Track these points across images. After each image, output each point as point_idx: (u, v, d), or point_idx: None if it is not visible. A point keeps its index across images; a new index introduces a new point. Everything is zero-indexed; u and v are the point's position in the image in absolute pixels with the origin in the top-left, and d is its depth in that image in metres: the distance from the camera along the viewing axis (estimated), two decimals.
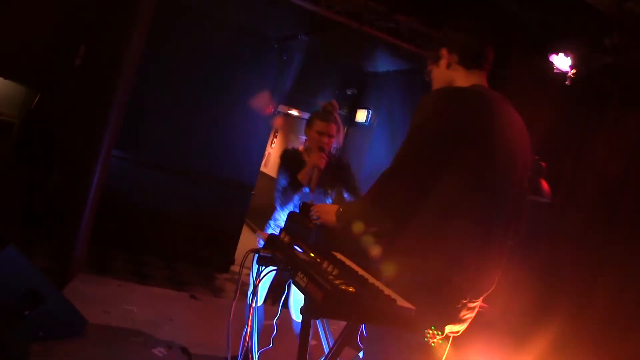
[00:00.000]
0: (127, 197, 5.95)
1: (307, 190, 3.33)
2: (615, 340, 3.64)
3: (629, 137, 3.89)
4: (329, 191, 3.50)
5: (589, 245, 3.97)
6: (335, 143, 3.49)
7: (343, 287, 1.62)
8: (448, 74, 2.16)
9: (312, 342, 2.79)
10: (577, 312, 3.85)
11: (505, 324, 3.69)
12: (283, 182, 3.40)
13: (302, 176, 3.31)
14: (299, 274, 1.76)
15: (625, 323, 3.65)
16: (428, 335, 1.88)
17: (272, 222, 3.54)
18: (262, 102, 6.35)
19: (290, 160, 3.47)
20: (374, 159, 6.63)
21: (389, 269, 1.89)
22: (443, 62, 2.16)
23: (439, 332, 1.91)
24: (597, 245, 3.93)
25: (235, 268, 6.65)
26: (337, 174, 3.50)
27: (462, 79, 2.12)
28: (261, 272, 2.10)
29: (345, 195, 3.53)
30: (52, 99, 5.52)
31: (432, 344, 1.89)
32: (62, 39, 5.43)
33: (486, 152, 1.92)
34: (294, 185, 3.32)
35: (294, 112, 10.36)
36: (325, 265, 1.80)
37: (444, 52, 2.15)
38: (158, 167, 6.11)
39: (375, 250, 2.01)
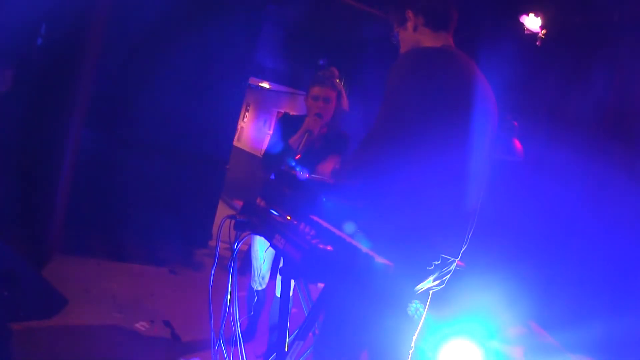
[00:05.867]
0: (100, 177, 5.84)
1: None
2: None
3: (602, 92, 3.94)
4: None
5: (560, 204, 4.05)
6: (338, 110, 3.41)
7: (321, 247, 1.63)
8: (415, 36, 2.16)
9: (293, 309, 2.82)
10: (554, 269, 3.94)
11: (482, 283, 3.75)
12: (273, 145, 3.30)
13: (293, 140, 3.19)
14: (277, 236, 1.77)
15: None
16: (412, 309, 1.91)
17: None
18: None
19: (286, 124, 3.35)
20: (347, 127, 6.62)
21: (368, 228, 1.90)
22: (409, 25, 2.16)
23: (420, 306, 1.95)
24: (569, 203, 4.00)
25: (213, 243, 6.64)
26: (335, 146, 3.36)
27: (430, 40, 2.13)
28: (239, 236, 2.10)
29: None
30: (17, 78, 5.35)
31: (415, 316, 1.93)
32: (21, 17, 5.25)
33: (462, 111, 1.95)
34: (285, 150, 3.21)
35: (265, 85, 10.30)
36: (302, 226, 1.81)
37: (409, 14, 2.15)
38: (130, 145, 5.99)
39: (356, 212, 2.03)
